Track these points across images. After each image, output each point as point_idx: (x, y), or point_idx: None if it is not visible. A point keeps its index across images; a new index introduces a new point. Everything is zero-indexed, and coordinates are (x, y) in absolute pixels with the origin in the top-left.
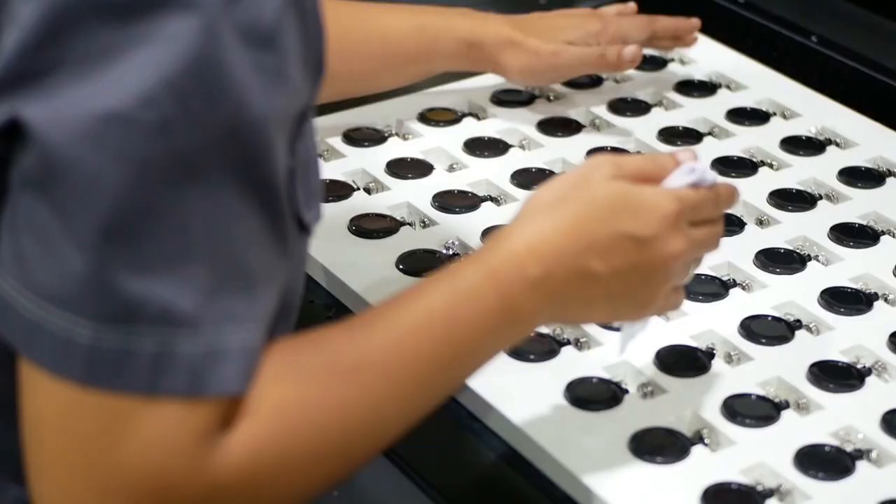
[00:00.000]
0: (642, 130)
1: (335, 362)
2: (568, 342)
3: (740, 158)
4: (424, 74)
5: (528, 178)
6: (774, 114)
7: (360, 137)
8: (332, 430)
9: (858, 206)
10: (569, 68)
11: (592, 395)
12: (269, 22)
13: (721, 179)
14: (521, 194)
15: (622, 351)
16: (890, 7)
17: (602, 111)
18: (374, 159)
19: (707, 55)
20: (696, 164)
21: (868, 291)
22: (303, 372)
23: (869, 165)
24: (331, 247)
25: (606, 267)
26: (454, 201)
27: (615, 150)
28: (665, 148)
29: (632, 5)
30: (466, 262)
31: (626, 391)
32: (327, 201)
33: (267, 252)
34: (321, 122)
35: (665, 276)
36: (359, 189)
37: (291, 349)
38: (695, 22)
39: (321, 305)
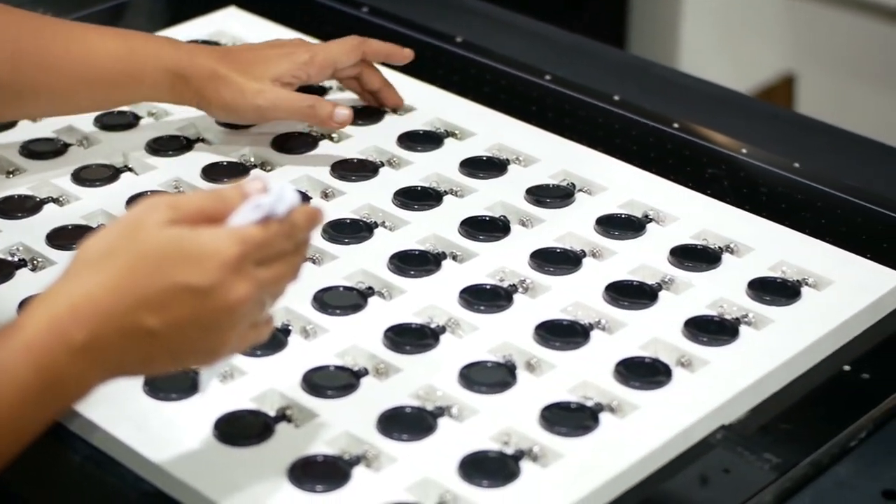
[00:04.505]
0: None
1: None
2: None
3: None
4: (126, 102)
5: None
6: (331, 88)
7: None
8: None
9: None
10: (274, 110)
11: (170, 385)
12: None
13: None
14: (83, 192)
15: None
16: None
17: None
18: None
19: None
20: (263, 197)
21: (436, 252)
22: None
23: (428, 128)
24: None
25: (162, 322)
26: (14, 206)
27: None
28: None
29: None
30: (2, 333)
31: None
32: None
33: None
34: None
35: (231, 323)
36: None
37: None
38: (407, 52)
39: None
